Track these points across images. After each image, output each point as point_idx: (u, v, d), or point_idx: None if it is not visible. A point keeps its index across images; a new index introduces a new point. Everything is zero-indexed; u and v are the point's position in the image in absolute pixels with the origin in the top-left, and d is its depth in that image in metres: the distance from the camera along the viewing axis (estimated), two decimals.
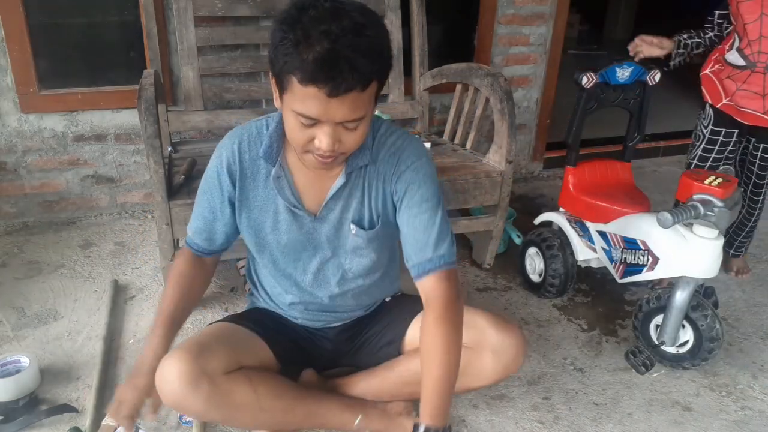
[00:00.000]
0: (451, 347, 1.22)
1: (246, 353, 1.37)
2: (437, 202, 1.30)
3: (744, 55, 1.91)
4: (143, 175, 2.76)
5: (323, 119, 1.09)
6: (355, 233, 1.35)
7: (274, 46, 1.07)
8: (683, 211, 1.60)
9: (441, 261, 1.27)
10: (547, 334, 2.02)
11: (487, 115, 2.35)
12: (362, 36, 1.04)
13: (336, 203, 1.32)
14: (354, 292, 1.46)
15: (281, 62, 1.06)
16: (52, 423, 1.55)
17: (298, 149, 1.19)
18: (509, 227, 2.50)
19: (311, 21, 1.03)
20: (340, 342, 1.54)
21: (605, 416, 1.67)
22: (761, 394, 1.78)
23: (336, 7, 1.05)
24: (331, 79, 1.02)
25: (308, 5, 1.05)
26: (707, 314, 1.74)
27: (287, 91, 1.09)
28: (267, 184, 1.31)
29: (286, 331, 1.50)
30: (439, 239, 1.27)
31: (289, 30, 1.04)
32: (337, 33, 1.02)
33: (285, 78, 1.07)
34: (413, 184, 1.28)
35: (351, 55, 1.02)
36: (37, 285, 2.18)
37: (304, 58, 1.02)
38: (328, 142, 1.11)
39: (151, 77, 1.86)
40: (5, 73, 2.43)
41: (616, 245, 1.99)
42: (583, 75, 1.96)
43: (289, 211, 1.32)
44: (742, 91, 1.95)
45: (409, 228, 1.29)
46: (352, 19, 1.04)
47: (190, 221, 1.41)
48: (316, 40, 1.01)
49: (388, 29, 1.15)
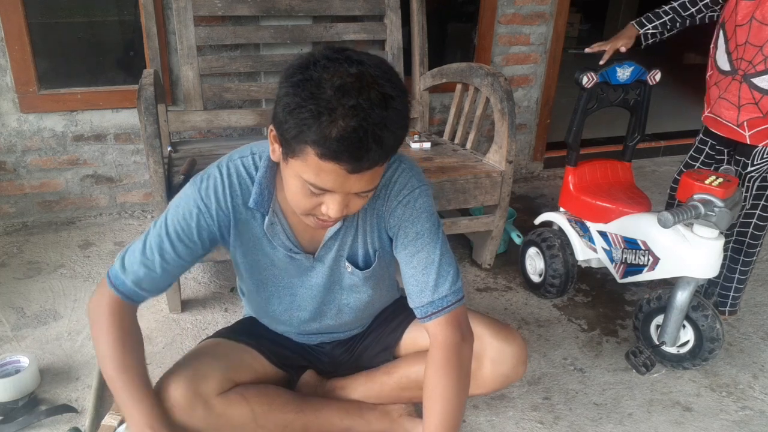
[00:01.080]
0: (452, 396, 1.18)
1: (241, 370, 1.34)
2: (434, 234, 1.22)
3: (731, 59, 1.78)
4: (143, 174, 2.76)
5: (337, 191, 1.01)
6: (350, 272, 1.30)
7: (287, 109, 0.95)
8: (684, 211, 1.60)
9: (443, 303, 1.20)
10: (547, 334, 2.02)
11: (487, 114, 2.35)
12: (389, 109, 0.95)
13: (333, 242, 1.26)
14: (351, 319, 1.44)
15: (295, 130, 0.94)
16: (52, 423, 1.55)
17: (299, 212, 1.10)
18: (509, 227, 2.50)
19: (336, 92, 0.92)
20: (337, 355, 1.52)
21: (605, 416, 1.66)
22: (761, 394, 1.77)
23: (362, 73, 0.94)
24: (356, 159, 0.94)
25: (328, 66, 0.94)
26: (708, 314, 1.74)
27: (297, 158, 0.98)
28: (260, 229, 1.23)
29: (283, 341, 1.47)
30: (439, 278, 1.20)
31: (309, 99, 0.92)
32: (366, 108, 0.92)
33: (298, 146, 0.96)
34: (406, 220, 1.21)
35: (378, 132, 0.93)
36: (37, 285, 2.18)
37: (327, 134, 0.92)
38: (337, 211, 1.04)
39: (150, 77, 1.86)
40: (5, 73, 2.43)
41: (617, 245, 1.99)
42: (584, 75, 1.95)
43: (285, 255, 1.26)
44: (723, 99, 1.82)
45: (407, 267, 1.23)
46: (380, 89, 0.94)
47: (124, 264, 1.17)
48: (341, 115, 0.91)
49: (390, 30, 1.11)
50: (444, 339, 1.20)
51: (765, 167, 1.84)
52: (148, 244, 1.17)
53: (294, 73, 0.96)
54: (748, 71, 1.73)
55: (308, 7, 2.48)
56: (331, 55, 0.97)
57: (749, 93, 1.74)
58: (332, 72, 0.94)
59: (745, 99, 1.75)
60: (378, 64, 0.98)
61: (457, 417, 1.19)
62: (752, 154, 1.82)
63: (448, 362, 1.19)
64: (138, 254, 1.17)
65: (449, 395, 1.18)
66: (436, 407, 1.18)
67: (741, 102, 1.76)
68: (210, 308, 2.06)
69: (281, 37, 2.48)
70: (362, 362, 1.52)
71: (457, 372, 1.19)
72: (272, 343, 1.44)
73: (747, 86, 1.74)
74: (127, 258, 1.18)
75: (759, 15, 1.68)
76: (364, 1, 2.55)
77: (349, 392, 1.50)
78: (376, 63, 0.98)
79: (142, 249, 1.17)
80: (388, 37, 2.60)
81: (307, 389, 1.49)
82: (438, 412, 1.17)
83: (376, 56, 1.00)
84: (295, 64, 0.98)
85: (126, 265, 1.17)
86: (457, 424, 1.19)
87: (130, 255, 1.18)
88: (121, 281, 1.17)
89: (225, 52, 2.62)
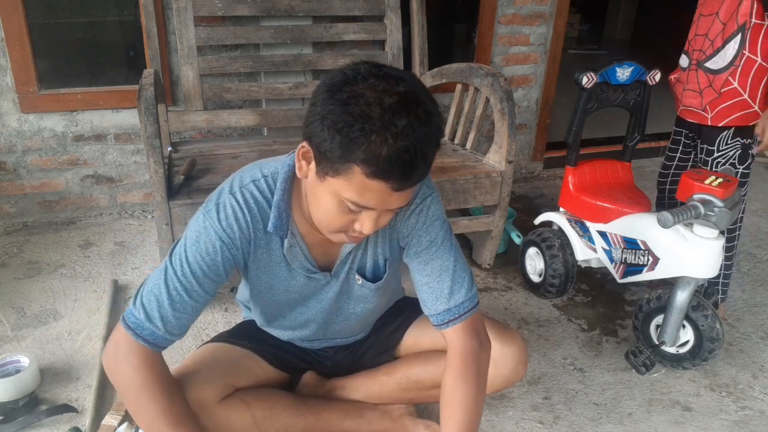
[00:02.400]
0: (471, 403, 1.18)
1: (241, 374, 1.33)
2: (447, 241, 1.23)
3: (687, 55, 1.96)
4: (143, 174, 2.76)
5: (377, 208, 1.01)
6: (360, 284, 1.30)
7: (334, 127, 0.92)
8: (684, 211, 1.60)
9: (459, 311, 1.21)
10: (547, 334, 2.02)
11: (487, 114, 2.35)
12: (431, 126, 0.95)
13: (348, 257, 1.26)
14: (357, 325, 1.45)
15: (342, 149, 0.92)
16: (52, 423, 1.55)
17: (328, 230, 1.09)
18: (509, 227, 2.50)
19: (387, 111, 0.91)
20: (340, 358, 1.52)
21: (605, 416, 1.67)
22: (761, 394, 1.78)
23: (408, 92, 0.94)
24: (406, 177, 0.95)
25: (376, 84, 0.93)
26: (708, 314, 1.74)
27: (339, 176, 0.96)
28: (277, 252, 1.21)
29: (284, 345, 1.47)
30: (454, 285, 1.21)
31: (359, 117, 0.91)
32: (415, 127, 0.92)
33: (342, 165, 0.94)
34: (419, 229, 1.21)
35: (425, 149, 0.94)
36: (37, 285, 2.18)
37: (378, 153, 0.91)
38: (372, 227, 1.03)
39: (151, 77, 1.86)
40: (5, 73, 2.43)
41: (617, 245, 1.99)
42: (584, 75, 1.95)
43: (303, 275, 1.25)
44: (688, 91, 1.97)
45: (421, 275, 1.23)
46: (425, 107, 0.94)
47: (147, 312, 1.08)
48: (392, 134, 0.90)
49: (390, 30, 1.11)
50: (462, 346, 1.20)
51: (731, 153, 1.91)
52: (172, 287, 1.09)
53: (338, 90, 0.93)
54: (700, 59, 1.90)
55: (308, 8, 2.49)
56: (375, 71, 0.95)
57: (705, 77, 1.89)
58: (380, 90, 0.92)
59: (703, 84, 1.90)
60: (415, 80, 0.98)
61: (475, 424, 1.19)
62: (716, 141, 1.92)
63: (467, 369, 1.19)
64: (165, 300, 1.08)
65: (468, 403, 1.18)
66: (455, 415, 1.18)
67: (701, 87, 1.91)
68: (210, 308, 2.06)
69: (281, 37, 2.48)
70: (363, 363, 1.53)
71: (476, 380, 1.19)
72: (273, 346, 1.44)
73: (702, 72, 1.90)
74: (149, 305, 1.09)
75: (703, 10, 1.90)
76: (364, 1, 2.55)
77: (350, 392, 1.50)
78: (413, 79, 0.98)
79: (167, 294, 1.08)
80: (388, 37, 2.60)
81: (308, 390, 1.49)
82: (457, 420, 1.17)
83: (407, 71, 1.01)
84: (336, 80, 0.95)
85: (150, 313, 1.08)
86: (476, 425, 1.19)
87: (151, 301, 1.09)
88: (149, 330, 1.08)
89: (225, 52, 2.62)
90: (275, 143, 2.44)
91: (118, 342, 1.10)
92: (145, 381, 1.08)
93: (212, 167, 2.11)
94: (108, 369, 1.11)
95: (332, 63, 2.56)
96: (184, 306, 1.10)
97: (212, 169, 2.09)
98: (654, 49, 6.16)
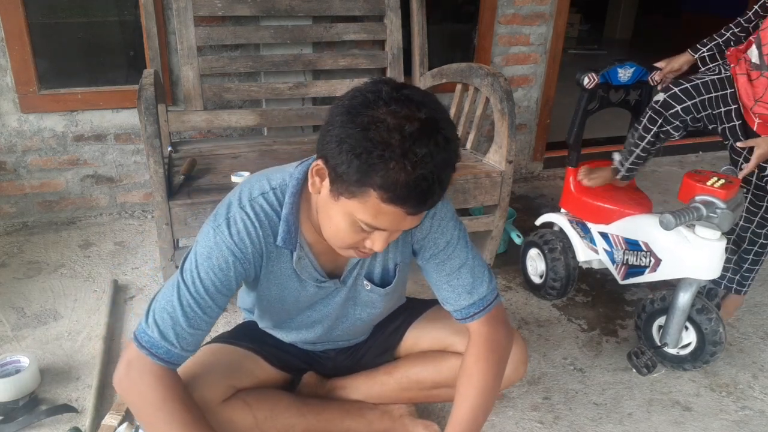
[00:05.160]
0: (486, 387, 1.20)
1: (242, 375, 1.33)
2: (462, 239, 1.24)
3: (761, 54, 1.74)
4: (143, 175, 2.76)
5: (390, 230, 1.01)
6: (369, 289, 1.30)
7: (353, 152, 0.91)
8: (686, 212, 1.59)
9: (483, 304, 1.23)
10: (547, 334, 2.02)
11: (487, 114, 2.35)
12: (449, 152, 0.95)
13: (357, 264, 1.26)
14: (361, 329, 1.45)
15: (359, 174, 0.92)
16: (52, 423, 1.55)
17: (339, 246, 1.09)
18: (509, 227, 2.50)
19: (408, 138, 0.90)
20: (341, 360, 1.52)
21: (605, 416, 1.67)
22: (761, 394, 1.78)
23: (429, 119, 0.93)
24: (421, 203, 0.95)
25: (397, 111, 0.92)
26: (711, 317, 1.74)
27: (354, 199, 0.96)
28: (288, 264, 1.21)
29: (285, 346, 1.47)
30: (475, 281, 1.22)
31: (379, 144, 0.90)
32: (434, 155, 0.92)
33: (358, 188, 0.94)
34: (435, 231, 1.22)
35: (442, 176, 0.94)
36: (37, 285, 2.18)
37: (396, 179, 0.91)
38: (383, 246, 1.03)
39: (151, 77, 1.86)
40: (5, 73, 2.43)
41: (618, 246, 1.99)
42: (585, 75, 1.95)
43: (313, 285, 1.25)
44: (761, 103, 1.76)
45: (440, 275, 1.24)
46: (444, 133, 0.94)
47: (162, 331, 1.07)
48: (412, 163, 0.90)
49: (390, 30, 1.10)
50: (487, 334, 1.23)
51: None
52: (186, 303, 1.08)
53: (358, 114, 0.93)
54: None
55: (308, 8, 2.48)
56: (395, 95, 0.94)
57: None
58: (402, 116, 0.91)
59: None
60: (436, 104, 0.97)
61: (489, 407, 1.21)
62: None
63: (491, 354, 1.22)
64: (179, 317, 1.07)
65: (484, 386, 1.20)
66: (470, 396, 1.20)
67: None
68: None
69: (281, 38, 2.48)
70: (364, 364, 1.53)
71: (497, 366, 1.22)
72: (273, 347, 1.44)
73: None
74: (163, 323, 1.07)
75: None
76: (364, 1, 2.55)
77: (350, 392, 1.51)
78: (434, 104, 0.97)
79: (182, 311, 1.07)
80: (388, 37, 2.60)
81: (308, 390, 1.49)
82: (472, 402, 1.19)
83: (426, 91, 1.00)
84: (356, 102, 0.94)
85: (164, 331, 1.07)
86: (487, 413, 1.21)
87: (165, 319, 1.08)
88: (165, 349, 1.07)
89: (225, 53, 2.62)
90: (275, 143, 2.44)
91: (131, 362, 1.08)
92: (163, 400, 1.07)
93: (212, 167, 2.11)
94: (122, 390, 1.10)
95: (332, 63, 2.57)
96: (198, 322, 1.09)
97: (212, 169, 2.09)
98: (654, 49, 6.17)
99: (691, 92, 1.81)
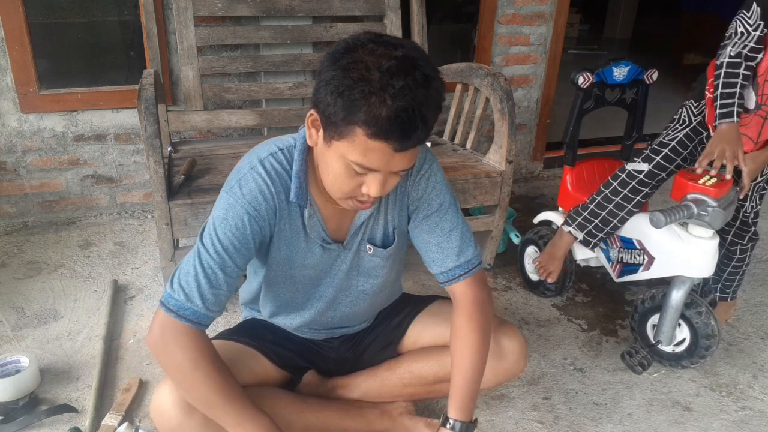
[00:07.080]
0: (480, 347, 1.27)
1: (241, 372, 1.33)
2: (454, 203, 1.31)
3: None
4: (143, 175, 2.76)
5: (382, 170, 1.05)
6: (372, 253, 1.33)
7: (337, 91, 0.98)
8: (676, 211, 1.60)
9: (468, 266, 1.29)
10: (547, 334, 2.02)
11: (487, 114, 2.35)
12: (431, 89, 1.00)
13: (360, 228, 1.29)
14: (363, 308, 1.45)
15: (345, 111, 0.98)
16: (52, 423, 1.55)
17: (338, 195, 1.13)
18: (508, 227, 2.50)
19: (385, 73, 0.96)
20: (344, 351, 1.53)
21: (605, 416, 1.67)
22: (761, 394, 1.78)
23: (405, 56, 0.98)
24: (405, 137, 0.99)
25: (375, 50, 0.98)
26: (701, 311, 1.75)
27: (344, 139, 1.01)
28: (297, 222, 1.25)
29: (287, 343, 1.47)
30: (462, 243, 1.29)
31: (359, 81, 0.96)
32: (413, 88, 0.96)
33: (346, 128, 1.00)
34: (429, 193, 1.28)
35: (424, 111, 0.98)
36: (37, 285, 2.18)
37: (377, 114, 0.96)
38: (378, 190, 1.07)
39: (151, 77, 1.86)
40: (5, 73, 2.43)
41: (613, 245, 1.99)
42: (580, 75, 1.95)
43: (319, 246, 1.28)
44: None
45: (430, 236, 1.30)
46: (422, 70, 0.98)
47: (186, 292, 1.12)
48: (391, 95, 0.95)
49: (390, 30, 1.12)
50: (474, 295, 1.29)
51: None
52: (206, 265, 1.12)
53: (341, 57, 0.99)
54: None
55: (308, 8, 2.49)
56: (374, 38, 1.01)
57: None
58: (379, 54, 0.98)
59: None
60: (415, 47, 1.02)
61: (483, 368, 1.28)
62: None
63: (477, 315, 1.28)
64: (202, 279, 1.12)
65: (479, 346, 1.27)
66: (468, 357, 1.26)
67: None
68: None
69: (281, 38, 2.49)
70: (366, 359, 1.53)
71: (484, 325, 1.29)
72: (274, 344, 1.44)
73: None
74: (187, 286, 1.12)
75: None
76: (364, 1, 2.55)
77: (351, 390, 1.51)
78: (412, 45, 1.03)
79: (203, 273, 1.12)
80: None
81: (309, 389, 1.49)
82: (470, 362, 1.26)
83: (408, 39, 1.05)
84: (339, 48, 1.01)
85: (189, 293, 1.11)
86: (482, 375, 1.28)
87: (189, 282, 1.12)
88: (191, 310, 1.11)
89: (225, 53, 2.63)
90: None
91: (163, 324, 1.12)
92: (196, 359, 1.11)
93: (212, 167, 2.11)
94: (156, 351, 1.13)
95: None
96: (219, 282, 1.14)
97: (212, 169, 2.09)
98: (654, 49, 6.18)
99: (671, 156, 1.85)
